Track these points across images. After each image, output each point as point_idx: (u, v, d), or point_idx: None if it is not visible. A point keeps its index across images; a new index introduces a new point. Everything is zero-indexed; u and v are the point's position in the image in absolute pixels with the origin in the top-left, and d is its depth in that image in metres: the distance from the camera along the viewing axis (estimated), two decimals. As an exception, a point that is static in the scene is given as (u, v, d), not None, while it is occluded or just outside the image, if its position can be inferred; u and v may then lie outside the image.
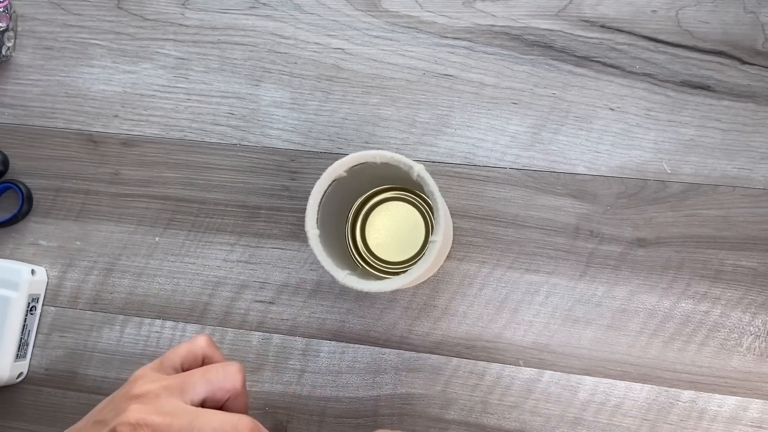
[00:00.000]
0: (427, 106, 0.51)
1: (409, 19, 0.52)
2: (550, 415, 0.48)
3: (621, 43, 0.50)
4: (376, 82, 0.52)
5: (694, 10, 0.49)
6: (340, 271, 0.39)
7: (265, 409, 0.51)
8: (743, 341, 0.47)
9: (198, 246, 0.53)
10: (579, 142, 0.50)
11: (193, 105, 0.54)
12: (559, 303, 0.49)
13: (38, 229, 0.55)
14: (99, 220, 0.54)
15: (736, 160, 0.48)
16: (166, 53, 0.54)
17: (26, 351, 0.53)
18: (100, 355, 0.53)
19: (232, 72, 0.54)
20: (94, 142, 0.55)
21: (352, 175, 0.41)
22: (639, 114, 0.49)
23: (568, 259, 0.49)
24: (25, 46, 0.56)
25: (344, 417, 0.50)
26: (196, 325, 0.52)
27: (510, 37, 0.51)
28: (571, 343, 0.48)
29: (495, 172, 0.50)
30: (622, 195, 0.49)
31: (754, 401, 0.46)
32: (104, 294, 0.54)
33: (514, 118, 0.50)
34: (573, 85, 0.50)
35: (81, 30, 0.56)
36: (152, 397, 0.34)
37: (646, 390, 0.47)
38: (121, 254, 0.54)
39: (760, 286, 0.47)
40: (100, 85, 0.55)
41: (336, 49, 0.53)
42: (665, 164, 0.49)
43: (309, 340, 0.51)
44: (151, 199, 0.54)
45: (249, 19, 0.54)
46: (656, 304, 0.48)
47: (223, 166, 0.53)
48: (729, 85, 0.49)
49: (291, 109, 0.53)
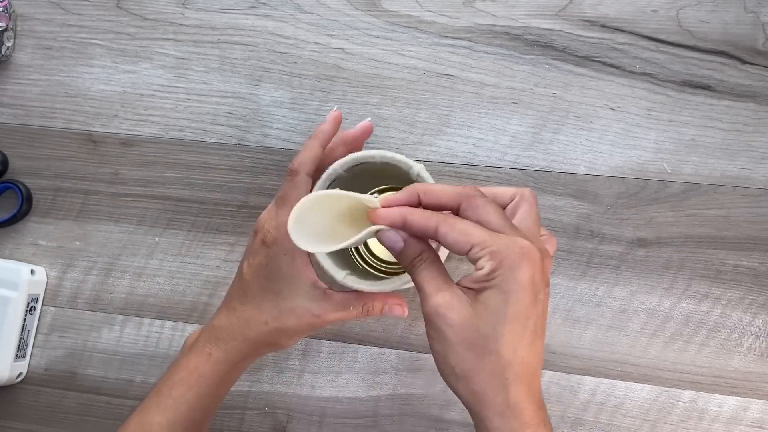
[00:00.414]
0: (427, 105, 0.51)
1: (409, 18, 0.52)
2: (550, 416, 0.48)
3: (621, 42, 0.50)
4: (376, 81, 0.52)
5: (695, 10, 0.49)
6: (339, 271, 0.39)
7: (265, 409, 0.51)
8: (744, 341, 0.47)
9: (198, 246, 0.53)
10: (579, 142, 0.50)
11: (193, 105, 0.54)
12: (559, 303, 0.49)
13: (38, 229, 0.55)
14: (98, 220, 0.54)
15: (737, 160, 0.48)
16: (165, 53, 0.54)
17: (26, 351, 0.53)
18: (100, 355, 0.53)
19: (232, 72, 0.54)
20: (93, 141, 0.55)
21: (353, 175, 0.41)
22: (639, 114, 0.49)
23: (569, 259, 0.49)
24: (24, 46, 0.56)
25: (344, 417, 0.50)
26: (196, 325, 0.52)
27: (510, 36, 0.51)
28: (572, 344, 0.48)
29: (495, 172, 0.50)
30: (622, 195, 0.49)
31: (755, 401, 0.46)
32: (104, 294, 0.53)
33: (514, 117, 0.50)
34: (573, 85, 0.50)
35: (81, 30, 0.56)
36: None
37: (647, 390, 0.47)
38: (121, 254, 0.54)
39: (761, 286, 0.47)
40: (100, 85, 0.55)
41: (336, 48, 0.53)
42: (666, 164, 0.49)
43: (309, 340, 0.51)
44: (151, 199, 0.54)
45: (249, 18, 0.54)
46: (657, 304, 0.48)
47: (222, 166, 0.53)
48: (729, 84, 0.49)
49: (291, 109, 0.53)
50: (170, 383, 0.40)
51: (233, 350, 0.40)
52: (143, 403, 0.41)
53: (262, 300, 0.39)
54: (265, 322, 0.39)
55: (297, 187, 0.39)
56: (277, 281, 0.39)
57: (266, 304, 0.39)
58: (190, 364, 0.40)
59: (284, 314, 0.39)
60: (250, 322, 0.39)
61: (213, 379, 0.40)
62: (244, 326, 0.39)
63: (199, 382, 0.40)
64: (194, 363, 0.40)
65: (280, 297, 0.39)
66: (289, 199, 0.39)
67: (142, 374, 0.52)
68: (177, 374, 0.40)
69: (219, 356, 0.40)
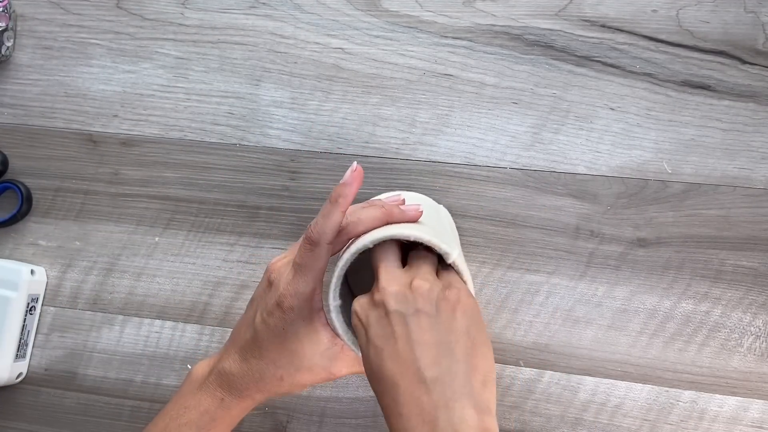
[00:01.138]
0: (427, 105, 0.51)
1: (409, 18, 0.52)
2: (550, 416, 0.48)
3: (621, 42, 0.50)
4: (376, 81, 0.52)
5: (695, 10, 0.49)
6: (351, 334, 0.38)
7: (265, 409, 0.51)
8: (744, 341, 0.47)
9: (198, 246, 0.53)
10: (579, 142, 0.50)
11: (193, 105, 0.54)
12: (559, 303, 0.49)
13: (38, 229, 0.55)
14: (98, 220, 0.54)
15: (737, 160, 0.48)
16: (165, 53, 0.54)
17: (26, 351, 0.53)
18: (100, 355, 0.53)
19: (232, 72, 0.54)
20: (93, 141, 0.55)
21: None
22: (639, 114, 0.49)
23: (569, 259, 0.49)
24: (24, 46, 0.56)
25: (344, 417, 0.50)
26: (196, 325, 0.52)
27: (510, 36, 0.51)
28: (572, 344, 0.48)
29: (495, 172, 0.50)
30: (622, 195, 0.49)
31: (755, 401, 0.46)
32: (104, 294, 0.53)
33: (514, 117, 0.50)
34: (573, 85, 0.50)
35: (80, 30, 0.56)
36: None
37: (647, 390, 0.47)
38: (121, 254, 0.54)
39: (761, 286, 0.47)
40: (100, 85, 0.55)
41: (336, 48, 0.53)
42: (666, 164, 0.49)
43: (309, 341, 0.51)
44: (151, 199, 0.54)
45: (249, 18, 0.54)
46: (657, 305, 0.48)
47: (222, 166, 0.53)
48: (729, 84, 0.49)
49: (291, 109, 0.53)
50: (179, 422, 0.40)
51: (247, 399, 0.40)
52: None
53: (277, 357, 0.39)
54: (281, 377, 0.39)
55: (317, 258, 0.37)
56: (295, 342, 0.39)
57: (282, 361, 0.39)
58: (200, 407, 0.40)
59: (300, 372, 0.39)
60: (264, 377, 0.39)
61: (224, 424, 0.40)
62: (259, 380, 0.39)
63: (210, 425, 0.40)
64: (205, 406, 0.40)
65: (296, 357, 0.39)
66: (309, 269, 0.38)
67: (142, 374, 0.52)
68: (186, 414, 0.40)
69: (232, 403, 0.40)
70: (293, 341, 0.38)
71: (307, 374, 0.39)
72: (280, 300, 0.38)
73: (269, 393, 0.40)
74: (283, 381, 0.39)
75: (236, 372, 0.40)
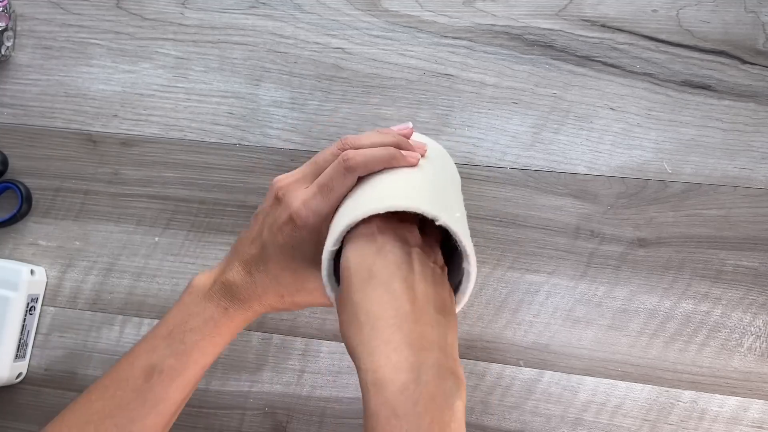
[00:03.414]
0: (427, 105, 0.51)
1: (409, 18, 0.52)
2: (550, 416, 0.48)
3: (622, 42, 0.50)
4: (376, 81, 0.52)
5: (695, 10, 0.49)
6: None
7: (265, 409, 0.51)
8: (744, 341, 0.47)
9: (198, 246, 0.53)
10: (580, 142, 0.50)
11: (193, 105, 0.54)
12: (559, 303, 0.49)
13: (37, 229, 0.55)
14: (98, 220, 0.54)
15: (737, 160, 0.48)
16: (165, 53, 0.54)
17: (25, 351, 0.53)
18: (100, 355, 0.53)
19: (232, 72, 0.54)
20: (93, 141, 0.55)
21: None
22: (640, 114, 0.49)
23: (569, 259, 0.49)
24: (24, 46, 0.56)
25: (344, 417, 0.50)
26: (195, 326, 0.52)
27: (510, 36, 0.51)
28: (572, 344, 0.48)
29: (495, 172, 0.50)
30: (622, 195, 0.49)
31: (755, 401, 0.46)
32: (103, 294, 0.53)
33: (514, 117, 0.50)
34: (573, 85, 0.50)
35: (80, 29, 0.56)
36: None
37: (647, 390, 0.47)
38: (121, 254, 0.53)
39: (761, 286, 0.47)
40: (100, 85, 0.55)
41: (336, 48, 0.53)
42: (666, 164, 0.49)
43: (309, 341, 0.51)
44: (151, 199, 0.54)
45: (249, 18, 0.54)
46: (657, 305, 0.48)
47: (222, 166, 0.53)
48: (730, 84, 0.49)
49: (291, 109, 0.53)
50: (183, 328, 0.40)
51: (249, 311, 0.41)
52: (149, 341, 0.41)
53: (281, 274, 0.40)
54: (282, 295, 0.40)
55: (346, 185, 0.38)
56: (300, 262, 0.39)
57: (286, 280, 0.40)
58: (205, 314, 0.40)
59: (301, 293, 0.40)
60: (267, 291, 0.40)
61: (227, 332, 0.41)
62: (261, 294, 0.40)
63: (214, 332, 0.40)
64: (210, 313, 0.40)
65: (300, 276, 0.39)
66: (334, 192, 0.38)
67: (142, 374, 0.52)
68: (191, 321, 0.40)
69: (235, 313, 0.40)
70: (299, 261, 0.39)
71: (307, 296, 0.40)
72: (295, 216, 0.38)
73: (269, 308, 0.41)
74: (284, 299, 0.40)
75: (240, 284, 0.40)
